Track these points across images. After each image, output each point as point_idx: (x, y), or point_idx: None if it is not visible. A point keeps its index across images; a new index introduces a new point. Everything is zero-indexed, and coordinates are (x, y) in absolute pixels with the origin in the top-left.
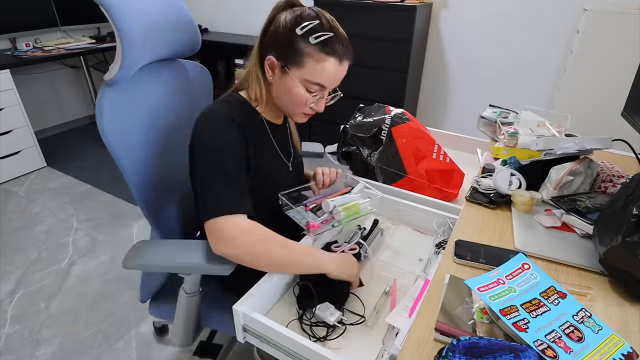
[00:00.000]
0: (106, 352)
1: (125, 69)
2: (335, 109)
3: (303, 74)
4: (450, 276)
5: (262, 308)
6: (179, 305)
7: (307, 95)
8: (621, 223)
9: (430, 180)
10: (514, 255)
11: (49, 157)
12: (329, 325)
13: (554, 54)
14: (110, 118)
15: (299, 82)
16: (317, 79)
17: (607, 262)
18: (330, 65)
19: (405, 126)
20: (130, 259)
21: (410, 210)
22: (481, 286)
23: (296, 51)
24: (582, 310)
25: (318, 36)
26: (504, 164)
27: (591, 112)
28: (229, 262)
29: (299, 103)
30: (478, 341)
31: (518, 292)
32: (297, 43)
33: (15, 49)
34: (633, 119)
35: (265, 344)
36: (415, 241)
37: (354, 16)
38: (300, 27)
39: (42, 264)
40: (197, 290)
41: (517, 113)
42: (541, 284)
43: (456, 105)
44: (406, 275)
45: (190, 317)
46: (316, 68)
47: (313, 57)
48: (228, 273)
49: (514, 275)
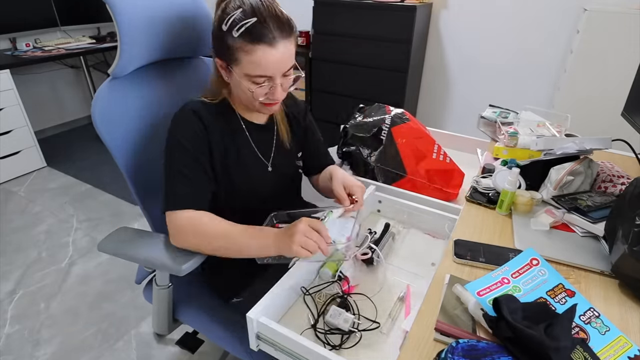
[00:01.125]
0: (106, 352)
1: (123, 61)
2: (336, 109)
3: (242, 69)
4: (450, 276)
5: (275, 315)
6: (153, 296)
7: (256, 88)
8: (627, 231)
9: (430, 180)
10: (513, 254)
11: (49, 157)
12: (343, 332)
13: (554, 54)
14: (104, 109)
15: (243, 78)
16: (255, 71)
17: (618, 271)
18: (262, 53)
19: (405, 126)
20: (103, 243)
21: (420, 214)
22: (482, 289)
23: (228, 48)
24: (590, 310)
25: (239, 27)
26: (504, 164)
27: (591, 112)
28: (183, 263)
29: (255, 97)
30: (477, 344)
31: (523, 291)
32: (226, 40)
33: (15, 49)
34: (633, 119)
35: (280, 352)
36: (427, 245)
37: (354, 16)
38: (225, 22)
39: (42, 264)
40: (166, 284)
41: (517, 113)
42: (549, 282)
43: (456, 105)
44: (419, 280)
45: (163, 309)
46: (250, 60)
47: (243, 50)
48: (182, 274)
49: (520, 272)
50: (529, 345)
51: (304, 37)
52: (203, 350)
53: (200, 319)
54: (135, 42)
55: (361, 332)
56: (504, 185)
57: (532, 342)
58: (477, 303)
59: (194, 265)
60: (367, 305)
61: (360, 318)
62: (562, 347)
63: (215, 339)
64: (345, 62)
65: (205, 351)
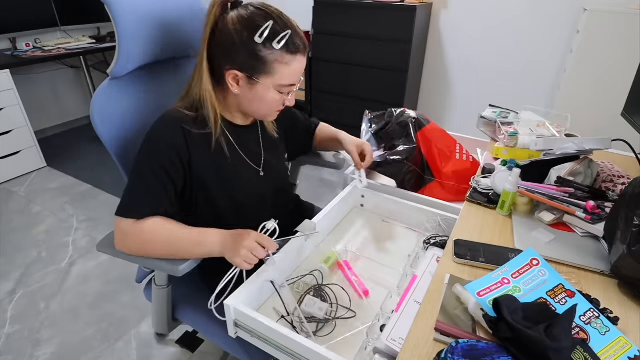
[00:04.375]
0: (106, 352)
1: (121, 61)
2: (336, 109)
3: (275, 80)
4: (451, 276)
5: (254, 304)
6: (152, 296)
7: (280, 97)
8: (626, 232)
9: (458, 182)
10: (513, 254)
11: (49, 157)
12: (319, 320)
13: (554, 54)
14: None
15: (272, 88)
16: (289, 80)
17: (618, 272)
18: (298, 63)
19: (429, 127)
20: (102, 244)
21: (401, 208)
22: (482, 290)
23: (262, 60)
24: (590, 311)
25: (280, 39)
26: (504, 164)
27: (591, 112)
28: (180, 264)
29: (274, 107)
30: (477, 344)
31: (523, 291)
32: (260, 52)
33: (15, 49)
34: (633, 119)
35: (257, 339)
36: (405, 238)
37: (354, 16)
38: (259, 34)
39: (42, 264)
40: (165, 284)
41: (517, 113)
42: (549, 282)
43: (456, 105)
44: (393, 272)
45: (163, 309)
46: (286, 70)
47: (282, 61)
48: (180, 274)
49: (521, 272)
50: (529, 346)
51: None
52: (203, 350)
53: (198, 318)
54: (133, 43)
55: (335, 320)
56: (505, 186)
57: (532, 343)
58: (477, 303)
59: (191, 266)
60: (342, 293)
61: (337, 307)
62: (563, 347)
63: (214, 339)
64: (345, 62)
65: (205, 351)
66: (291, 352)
